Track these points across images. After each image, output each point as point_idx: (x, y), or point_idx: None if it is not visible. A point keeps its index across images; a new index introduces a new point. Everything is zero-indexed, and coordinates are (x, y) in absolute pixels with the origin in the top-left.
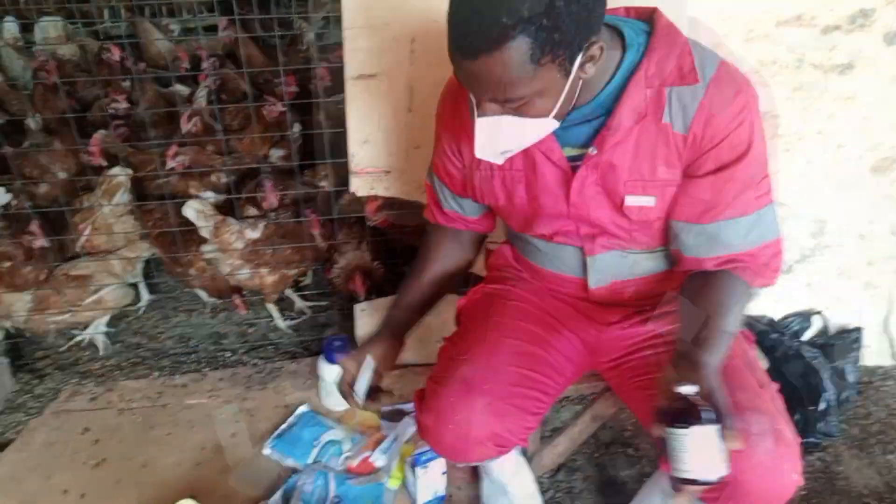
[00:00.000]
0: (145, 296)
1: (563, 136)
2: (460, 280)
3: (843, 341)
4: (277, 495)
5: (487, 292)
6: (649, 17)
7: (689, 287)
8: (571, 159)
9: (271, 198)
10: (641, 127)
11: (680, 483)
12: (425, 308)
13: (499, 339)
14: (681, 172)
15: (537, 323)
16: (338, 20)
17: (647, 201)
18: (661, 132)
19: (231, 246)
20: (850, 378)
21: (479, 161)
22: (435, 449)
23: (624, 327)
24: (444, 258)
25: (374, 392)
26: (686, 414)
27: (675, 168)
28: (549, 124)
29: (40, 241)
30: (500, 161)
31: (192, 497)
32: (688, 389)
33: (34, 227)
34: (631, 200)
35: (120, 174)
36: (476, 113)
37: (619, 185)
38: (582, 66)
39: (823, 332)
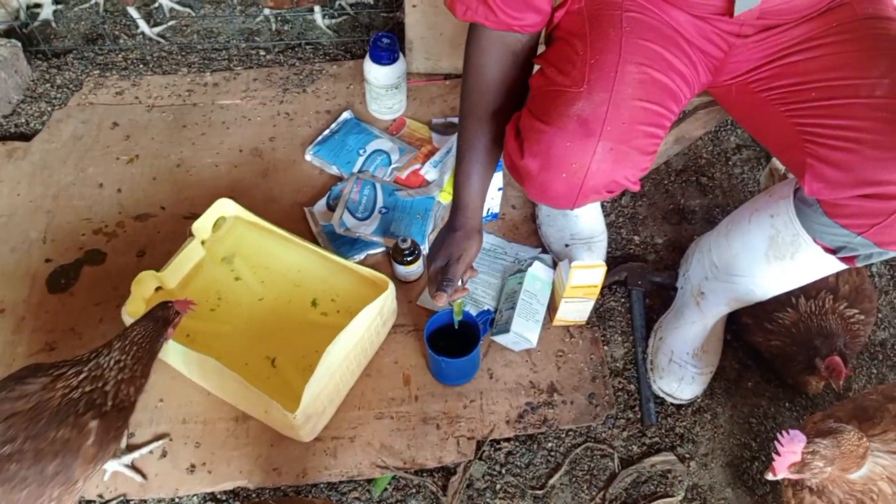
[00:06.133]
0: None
1: None
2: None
3: None
4: (321, 202)
5: (592, 1)
6: None
7: None
8: None
9: None
10: None
11: None
12: (493, 167)
13: (618, 64)
14: None
15: (659, 41)
16: None
17: None
18: None
19: None
20: None
21: None
22: (535, 196)
23: (762, 38)
24: (505, 92)
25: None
26: None
27: None
28: None
29: None
30: None
31: (231, 198)
32: None
33: None
34: None
35: None
36: None
37: None
38: None
39: None
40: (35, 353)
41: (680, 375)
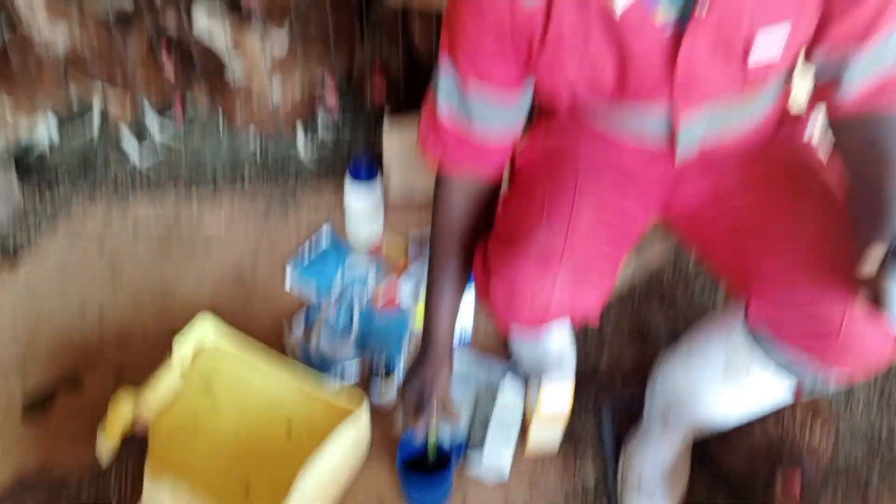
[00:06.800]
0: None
1: None
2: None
3: None
4: (300, 323)
5: (548, 149)
6: None
7: (846, 148)
8: (672, 17)
9: None
10: None
11: None
12: (460, 298)
13: (573, 202)
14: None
15: (611, 181)
16: None
17: (776, 44)
18: None
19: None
20: None
21: (546, 40)
22: (502, 323)
23: (704, 177)
24: (470, 229)
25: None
26: None
27: None
28: None
29: None
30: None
31: (212, 322)
32: None
33: None
34: (758, 48)
35: None
36: None
37: (741, 31)
38: None
39: None
40: (6, 482)
41: (649, 498)
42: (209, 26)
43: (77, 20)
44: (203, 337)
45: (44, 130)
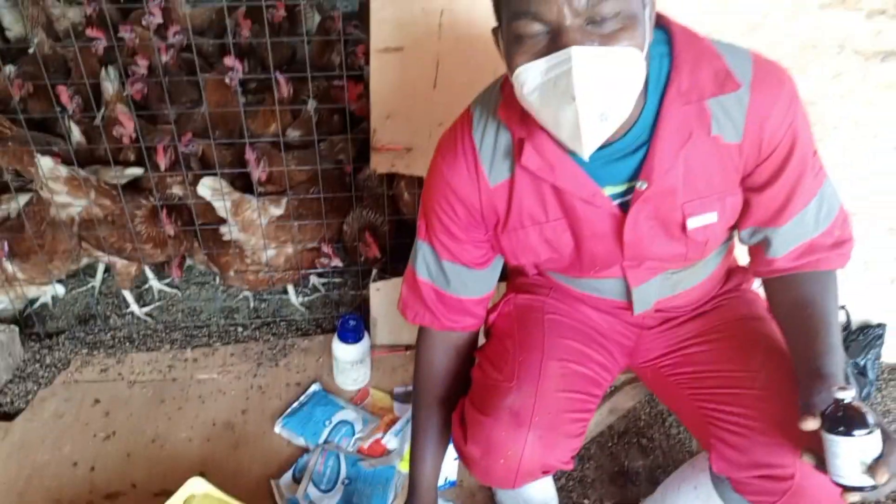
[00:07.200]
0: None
1: (601, 175)
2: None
3: (866, 337)
4: (288, 475)
5: (519, 305)
6: (659, 25)
7: (781, 305)
8: (616, 197)
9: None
10: (690, 146)
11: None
12: (444, 447)
13: (542, 361)
14: (739, 179)
15: (577, 337)
16: None
17: (710, 218)
18: (712, 145)
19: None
20: (871, 375)
21: (509, 216)
22: (479, 478)
23: (663, 329)
24: (451, 380)
25: None
26: (850, 419)
27: (732, 177)
28: (639, 66)
29: None
30: (595, 142)
31: (202, 474)
32: (846, 395)
33: None
34: (694, 222)
35: None
36: (561, 49)
37: (677, 210)
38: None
39: (846, 326)
40: None
41: None
42: (211, 198)
43: (94, 192)
44: (193, 492)
45: (51, 291)
